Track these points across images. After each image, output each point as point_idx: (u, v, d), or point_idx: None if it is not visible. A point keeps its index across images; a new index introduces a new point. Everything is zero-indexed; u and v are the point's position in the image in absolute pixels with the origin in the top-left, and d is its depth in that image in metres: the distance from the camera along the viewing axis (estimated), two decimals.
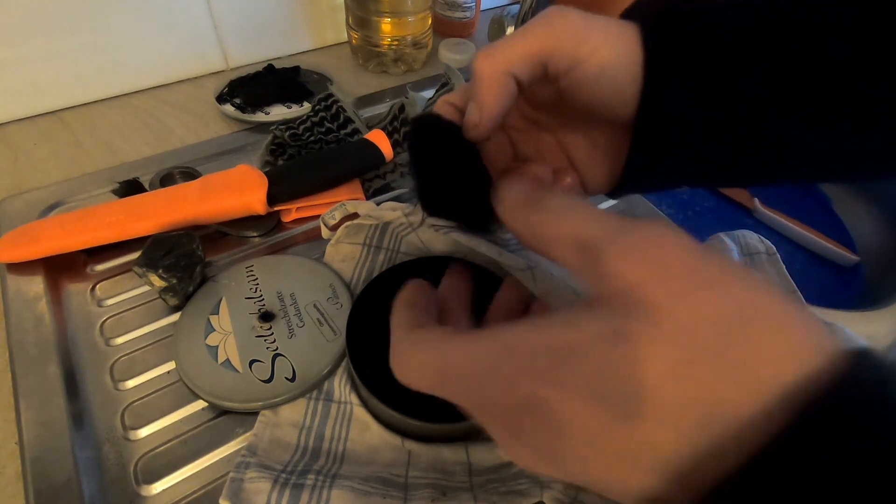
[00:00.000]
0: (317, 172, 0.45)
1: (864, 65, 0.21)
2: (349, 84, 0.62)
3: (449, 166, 0.26)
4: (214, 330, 0.36)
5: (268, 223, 0.45)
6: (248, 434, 0.32)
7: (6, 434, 0.32)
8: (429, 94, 0.51)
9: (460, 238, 0.37)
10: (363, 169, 0.47)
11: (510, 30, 0.66)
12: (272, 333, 0.35)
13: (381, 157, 0.46)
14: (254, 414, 0.33)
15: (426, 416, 0.30)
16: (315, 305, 0.37)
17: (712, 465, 0.12)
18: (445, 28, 0.70)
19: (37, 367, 0.35)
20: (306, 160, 0.46)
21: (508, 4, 0.81)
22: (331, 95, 0.50)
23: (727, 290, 0.14)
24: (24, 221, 0.41)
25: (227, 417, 0.33)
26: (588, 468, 0.15)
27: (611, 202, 0.50)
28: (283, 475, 0.29)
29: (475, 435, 0.33)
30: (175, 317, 0.38)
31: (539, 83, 0.25)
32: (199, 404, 0.34)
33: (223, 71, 0.62)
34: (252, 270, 0.39)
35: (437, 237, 0.39)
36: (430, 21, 0.63)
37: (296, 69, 0.60)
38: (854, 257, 0.62)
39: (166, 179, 0.46)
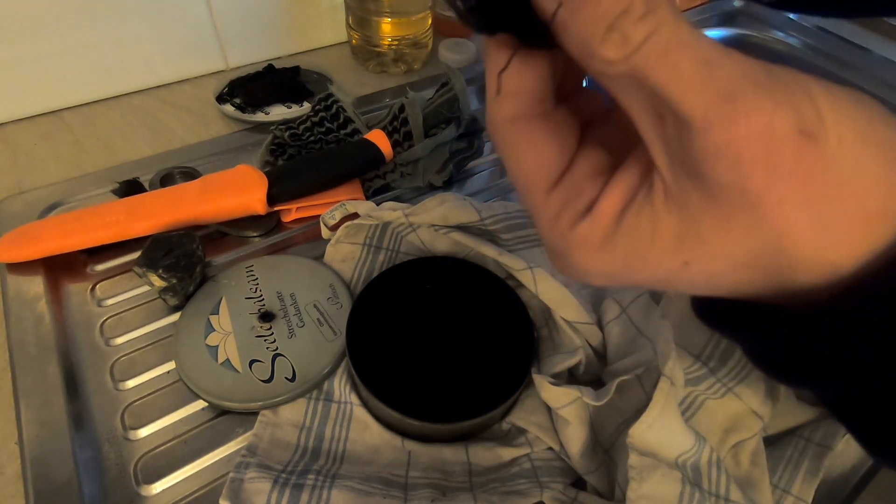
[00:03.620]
0: (317, 172, 0.45)
1: None
2: (349, 84, 0.62)
3: None
4: (214, 330, 0.36)
5: (268, 223, 0.45)
6: (248, 434, 0.32)
7: (6, 434, 0.32)
8: (429, 94, 0.51)
9: (460, 238, 0.37)
10: (363, 169, 0.47)
11: None
12: (272, 333, 0.35)
13: (381, 157, 0.46)
14: (254, 414, 0.33)
15: (426, 416, 0.30)
16: (315, 305, 0.37)
17: None
18: (445, 28, 0.69)
19: (37, 367, 0.34)
20: (306, 160, 0.46)
21: None
22: (331, 95, 0.50)
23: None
24: (24, 221, 0.41)
25: (227, 417, 0.33)
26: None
27: None
28: (283, 475, 0.29)
29: (475, 435, 0.33)
30: (175, 317, 0.38)
31: None
32: (199, 404, 0.34)
33: (223, 71, 0.62)
34: (252, 270, 0.39)
35: (437, 237, 0.39)
36: (430, 21, 0.63)
37: (296, 69, 0.60)
38: None
39: (166, 179, 0.46)
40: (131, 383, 0.35)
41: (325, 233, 0.41)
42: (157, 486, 0.31)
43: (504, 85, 0.15)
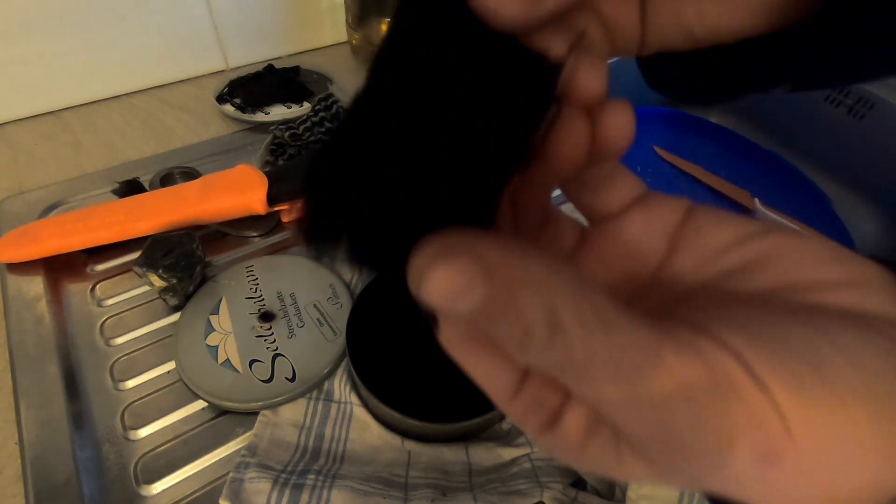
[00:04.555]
0: None
1: None
2: (349, 84, 0.62)
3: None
4: (214, 330, 0.36)
5: (268, 223, 0.45)
6: (248, 434, 0.32)
7: (6, 434, 0.32)
8: None
9: None
10: None
11: None
12: (272, 333, 0.35)
13: None
14: (254, 414, 0.33)
15: (426, 416, 0.30)
16: (315, 305, 0.37)
17: None
18: None
19: (37, 367, 0.34)
20: (306, 160, 0.46)
21: None
22: (331, 95, 0.50)
23: None
24: (24, 221, 0.41)
25: (227, 417, 0.33)
26: None
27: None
28: (284, 475, 0.29)
29: (475, 435, 0.33)
30: (175, 317, 0.38)
31: None
32: (199, 404, 0.34)
33: (223, 71, 0.62)
34: (252, 270, 0.39)
35: None
36: None
37: (296, 69, 0.60)
38: None
39: (166, 179, 0.46)
40: (131, 383, 0.35)
41: None
42: (157, 486, 0.31)
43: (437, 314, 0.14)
